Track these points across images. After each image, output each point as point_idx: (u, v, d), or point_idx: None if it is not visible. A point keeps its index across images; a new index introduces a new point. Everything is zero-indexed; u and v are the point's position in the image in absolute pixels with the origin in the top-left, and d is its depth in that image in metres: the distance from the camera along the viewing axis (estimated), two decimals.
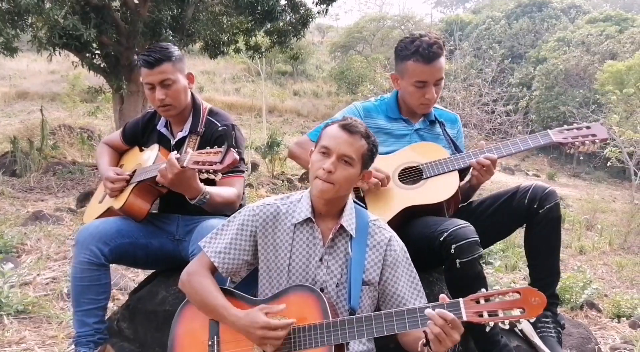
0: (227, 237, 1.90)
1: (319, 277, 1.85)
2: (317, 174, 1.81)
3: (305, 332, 1.71)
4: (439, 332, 1.56)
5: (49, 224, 6.36)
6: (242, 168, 2.42)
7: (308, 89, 34.41)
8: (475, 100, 14.76)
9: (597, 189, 19.34)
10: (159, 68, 2.35)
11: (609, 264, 9.26)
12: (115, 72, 11.02)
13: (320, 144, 1.85)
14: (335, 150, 1.80)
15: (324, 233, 1.88)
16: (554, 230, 2.33)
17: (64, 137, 13.12)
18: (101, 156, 2.69)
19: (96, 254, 2.24)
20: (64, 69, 24.86)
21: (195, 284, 1.85)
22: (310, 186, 1.91)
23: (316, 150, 1.87)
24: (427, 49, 2.35)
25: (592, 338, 4.22)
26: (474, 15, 40.10)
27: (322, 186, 1.80)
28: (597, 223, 12.84)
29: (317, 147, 1.87)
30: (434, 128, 2.57)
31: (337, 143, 1.80)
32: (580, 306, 5.60)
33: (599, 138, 2.38)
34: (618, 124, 14.99)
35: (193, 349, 1.82)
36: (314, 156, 1.86)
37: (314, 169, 1.83)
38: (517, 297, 1.57)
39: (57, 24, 8.78)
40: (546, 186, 2.36)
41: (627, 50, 25.05)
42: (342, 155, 1.80)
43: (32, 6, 8.24)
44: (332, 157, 1.80)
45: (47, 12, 8.60)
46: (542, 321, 2.37)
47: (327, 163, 1.79)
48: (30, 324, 3.69)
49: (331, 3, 11.94)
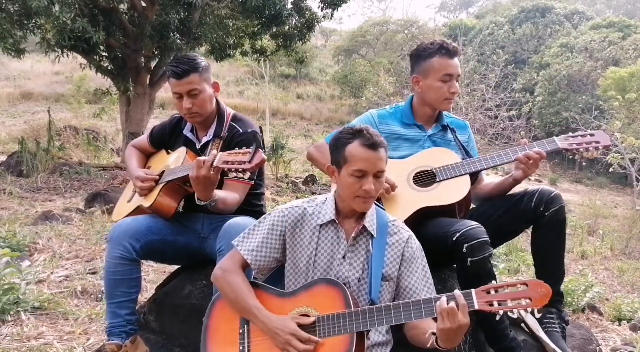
0: (259, 236, 2.03)
1: (341, 273, 1.97)
2: (357, 195, 1.91)
3: (329, 321, 1.82)
4: (449, 316, 1.66)
5: (59, 224, 6.45)
6: (252, 176, 2.51)
7: (311, 92, 34.56)
8: (479, 105, 14.83)
9: (599, 195, 19.40)
10: (187, 79, 2.46)
11: (610, 268, 9.34)
12: (122, 74, 11.15)
13: (352, 168, 1.90)
14: (371, 171, 1.90)
15: (347, 232, 1.99)
16: (559, 232, 2.44)
17: (69, 138, 13.23)
18: (130, 158, 2.81)
19: (128, 250, 2.37)
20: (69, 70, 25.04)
21: (229, 281, 1.97)
22: (334, 190, 2.05)
23: (347, 173, 1.92)
24: (451, 45, 2.56)
25: (593, 339, 4.31)
26: (478, 20, 40.27)
27: (366, 203, 1.94)
28: (598, 228, 12.92)
29: (348, 169, 1.92)
30: (445, 134, 2.69)
31: (370, 164, 1.89)
32: (582, 309, 5.69)
33: (602, 145, 2.48)
34: (620, 130, 15.09)
35: (225, 336, 1.95)
36: (349, 179, 1.92)
37: (352, 190, 1.92)
38: (525, 288, 1.67)
39: (66, 26, 8.90)
40: (552, 189, 2.48)
41: (629, 56, 25.16)
42: (377, 173, 1.92)
43: (42, 8, 8.34)
44: (368, 177, 1.90)
45: (56, 14, 8.71)
46: (548, 317, 2.47)
47: (366, 184, 1.89)
48: (47, 320, 3.79)
49: (337, 7, 12.06)
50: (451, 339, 1.71)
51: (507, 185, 2.57)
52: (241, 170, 2.08)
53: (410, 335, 1.95)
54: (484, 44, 30.01)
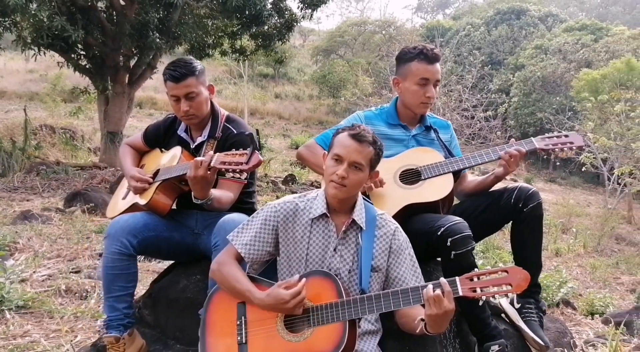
0: (252, 231, 2.11)
1: (333, 265, 2.07)
2: (331, 178, 2.02)
3: (323, 310, 1.92)
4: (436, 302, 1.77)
5: (39, 224, 6.40)
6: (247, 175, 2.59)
7: (290, 92, 34.55)
8: (456, 105, 15.05)
9: (572, 194, 19.79)
10: (184, 82, 2.54)
11: (584, 265, 9.59)
12: (100, 73, 11.05)
13: (333, 152, 2.05)
14: (347, 158, 2.00)
15: (337, 226, 2.10)
16: (537, 226, 2.56)
17: (45, 137, 13.05)
18: (124, 156, 2.87)
19: (126, 246, 2.43)
20: (43, 68, 24.63)
21: (224, 272, 2.07)
22: (324, 186, 2.14)
23: (329, 157, 2.07)
24: (430, 51, 2.66)
25: (567, 333, 4.48)
26: (454, 21, 40.67)
27: (336, 189, 2.02)
28: (572, 227, 13.19)
29: (330, 154, 2.07)
30: (429, 134, 2.80)
31: (348, 151, 2.01)
32: (557, 304, 5.86)
33: (575, 145, 2.63)
34: (593, 131, 15.42)
35: (223, 328, 2.04)
36: (328, 162, 2.06)
37: (328, 173, 2.04)
38: (505, 275, 1.79)
39: (43, 24, 8.80)
40: (530, 187, 2.60)
41: (601, 58, 25.64)
42: (353, 163, 2.01)
43: (19, 6, 8.21)
44: (344, 164, 2.00)
45: (33, 12, 8.60)
46: (526, 307, 2.60)
47: (340, 169, 2.00)
48: (32, 319, 3.78)
49: (316, 8, 12.12)
50: (439, 324, 1.81)
51: (489, 182, 2.69)
52: (238, 171, 2.17)
53: (401, 323, 2.05)
54: (460, 45, 30.37)
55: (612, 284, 8.57)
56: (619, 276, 9.27)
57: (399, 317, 2.05)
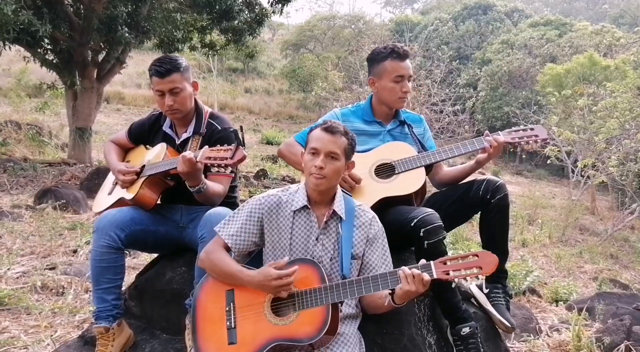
0: (239, 222, 2.23)
1: (315, 253, 2.19)
2: (310, 171, 2.15)
3: (308, 295, 2.05)
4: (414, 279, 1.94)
5: (9, 221, 6.33)
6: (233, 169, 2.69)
7: (259, 86, 34.43)
8: (425, 100, 15.21)
9: (538, 186, 20.27)
10: (169, 78, 2.61)
11: (549, 255, 9.92)
12: (68, 68, 10.85)
13: (309, 146, 2.19)
14: (323, 150, 2.14)
15: (318, 217, 2.23)
16: (504, 216, 2.70)
17: (11, 133, 12.77)
18: (109, 153, 2.92)
19: (114, 239, 2.49)
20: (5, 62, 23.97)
21: (213, 259, 2.18)
22: (305, 179, 2.26)
23: (307, 152, 2.20)
24: (401, 49, 2.80)
25: (533, 319, 4.69)
26: (422, 16, 41.04)
27: (316, 181, 2.14)
28: (538, 218, 13.58)
29: (307, 149, 2.21)
30: (403, 129, 2.92)
31: (322, 143, 2.15)
32: (523, 292, 6.10)
33: (540, 138, 2.77)
34: (557, 125, 15.84)
35: (213, 314, 2.14)
36: (306, 156, 2.20)
37: (307, 167, 2.17)
38: (475, 259, 1.94)
39: (9, 18, 8.61)
40: (497, 179, 2.74)
41: (565, 53, 26.26)
42: (328, 153, 2.14)
43: None
44: (320, 155, 2.14)
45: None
46: (494, 291, 2.74)
47: (317, 161, 2.13)
48: (9, 315, 3.79)
49: (287, 3, 12.12)
50: (409, 296, 1.99)
51: (468, 169, 2.84)
52: (223, 165, 2.28)
53: (367, 304, 2.23)
54: (429, 40, 30.69)
55: (576, 272, 8.90)
56: (583, 264, 9.63)
57: (364, 300, 2.23)
